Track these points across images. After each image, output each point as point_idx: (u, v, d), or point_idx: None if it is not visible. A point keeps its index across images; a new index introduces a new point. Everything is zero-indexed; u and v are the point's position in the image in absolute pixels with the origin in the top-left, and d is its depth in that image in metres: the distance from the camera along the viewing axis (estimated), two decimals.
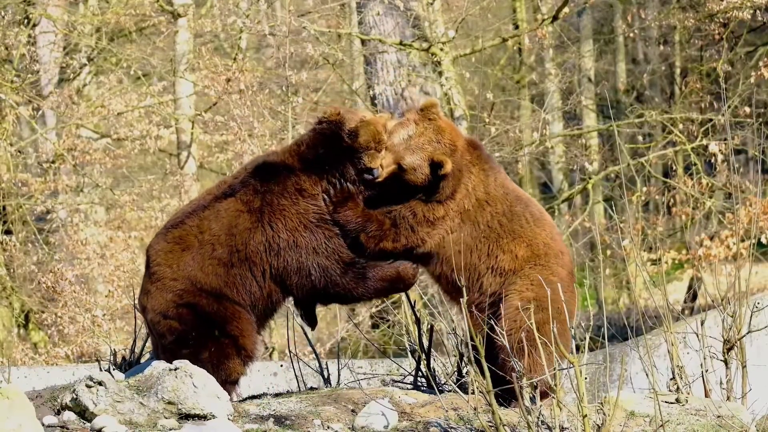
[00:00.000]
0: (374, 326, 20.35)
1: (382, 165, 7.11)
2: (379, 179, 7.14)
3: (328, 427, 6.71)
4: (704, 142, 19.36)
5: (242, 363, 7.12)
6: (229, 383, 7.05)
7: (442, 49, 18.99)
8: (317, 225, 7.08)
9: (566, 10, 19.79)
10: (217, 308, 7.06)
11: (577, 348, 6.35)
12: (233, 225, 7.08)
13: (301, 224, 7.06)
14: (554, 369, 6.37)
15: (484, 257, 7.16)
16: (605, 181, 23.80)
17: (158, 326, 7.12)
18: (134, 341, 8.49)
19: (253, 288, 7.09)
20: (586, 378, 6.33)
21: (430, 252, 7.22)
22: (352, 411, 6.95)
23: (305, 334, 9.18)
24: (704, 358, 7.58)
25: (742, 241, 16.67)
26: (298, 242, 7.03)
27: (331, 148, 7.12)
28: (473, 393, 6.75)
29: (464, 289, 6.93)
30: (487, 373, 6.37)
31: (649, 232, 21.21)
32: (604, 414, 6.44)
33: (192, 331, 7.01)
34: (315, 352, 9.34)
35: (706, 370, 7.57)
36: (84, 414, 6.58)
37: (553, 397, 6.33)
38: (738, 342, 7.58)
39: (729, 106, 19.76)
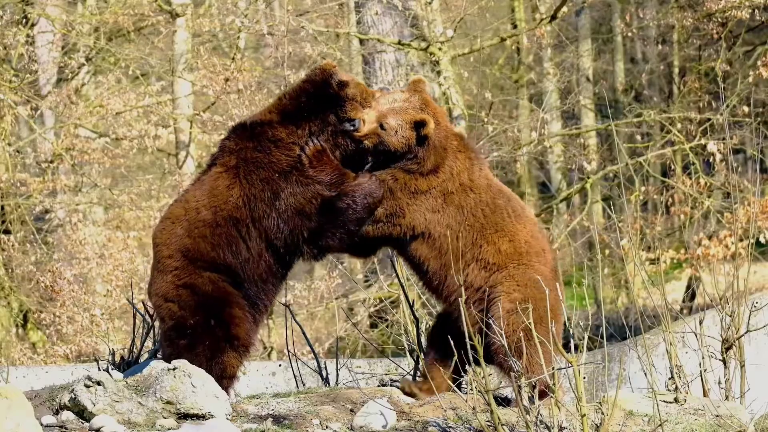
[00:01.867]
0: (373, 326, 20.35)
1: (364, 120, 7.14)
2: (359, 134, 7.12)
3: (327, 427, 6.71)
4: (703, 141, 19.37)
5: (238, 356, 7.09)
6: (225, 378, 7.02)
7: (440, 49, 18.99)
8: (291, 173, 7.07)
9: (565, 9, 19.81)
10: (212, 289, 7.05)
11: (576, 347, 6.34)
12: (214, 187, 7.12)
13: (275, 173, 7.06)
14: (553, 369, 6.37)
15: (469, 245, 7.17)
16: (604, 180, 23.81)
17: (160, 310, 7.13)
18: (133, 341, 8.49)
19: (240, 248, 7.08)
20: (584, 377, 6.33)
21: (414, 231, 7.20)
22: (351, 410, 6.95)
23: (303, 333, 9.19)
24: (703, 358, 7.58)
25: (741, 240, 16.69)
26: (274, 191, 7.05)
27: (316, 95, 7.14)
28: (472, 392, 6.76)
29: (458, 283, 6.97)
30: (486, 373, 6.37)
31: (648, 231, 21.22)
32: (603, 413, 6.44)
33: (189, 318, 7.00)
34: (313, 351, 9.35)
35: (705, 370, 7.56)
36: (82, 414, 6.58)
37: (551, 397, 6.33)
38: (736, 341, 7.58)
39: (727, 106, 19.77)
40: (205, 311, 7.02)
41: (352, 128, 7.11)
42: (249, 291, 7.17)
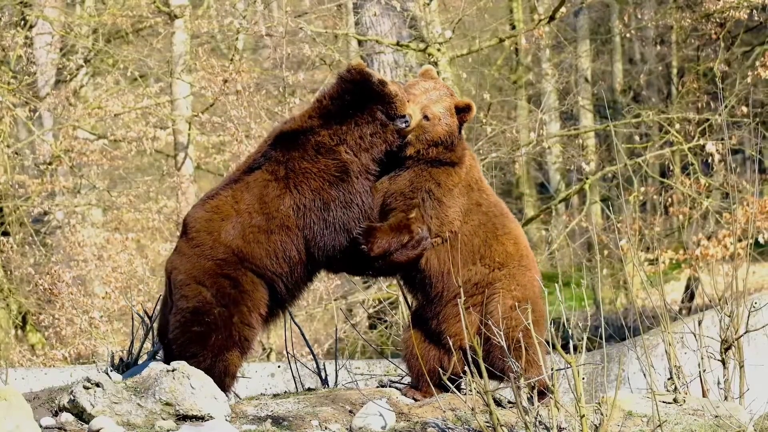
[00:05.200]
0: (372, 327, 20.34)
1: (410, 114, 7.14)
2: (409, 128, 7.14)
3: (326, 428, 6.72)
4: (701, 141, 19.36)
5: (240, 357, 7.11)
6: (228, 376, 7.02)
7: (439, 50, 18.99)
8: (341, 179, 7.09)
9: (563, 10, 19.80)
10: (251, 289, 7.06)
11: (575, 348, 6.35)
12: (264, 194, 7.11)
13: (326, 182, 7.08)
14: (552, 369, 6.37)
15: (481, 245, 7.17)
16: (602, 181, 23.82)
17: (184, 289, 7.06)
18: (132, 342, 8.48)
19: (292, 253, 7.09)
20: (583, 378, 6.33)
21: (448, 234, 7.19)
22: (350, 411, 6.95)
23: (302, 335, 9.18)
24: (702, 358, 7.58)
25: (740, 240, 16.68)
26: (325, 201, 7.08)
27: (359, 93, 7.10)
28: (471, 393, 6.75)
29: (459, 284, 6.99)
30: (485, 373, 6.37)
31: (647, 232, 21.21)
32: (602, 414, 6.45)
33: (216, 308, 6.98)
34: (312, 352, 9.34)
35: (704, 370, 7.57)
36: (82, 415, 6.58)
37: (550, 397, 6.33)
38: (735, 342, 7.58)
39: (726, 106, 19.76)
40: (234, 307, 7.01)
41: (405, 125, 7.11)
42: (284, 298, 7.22)
